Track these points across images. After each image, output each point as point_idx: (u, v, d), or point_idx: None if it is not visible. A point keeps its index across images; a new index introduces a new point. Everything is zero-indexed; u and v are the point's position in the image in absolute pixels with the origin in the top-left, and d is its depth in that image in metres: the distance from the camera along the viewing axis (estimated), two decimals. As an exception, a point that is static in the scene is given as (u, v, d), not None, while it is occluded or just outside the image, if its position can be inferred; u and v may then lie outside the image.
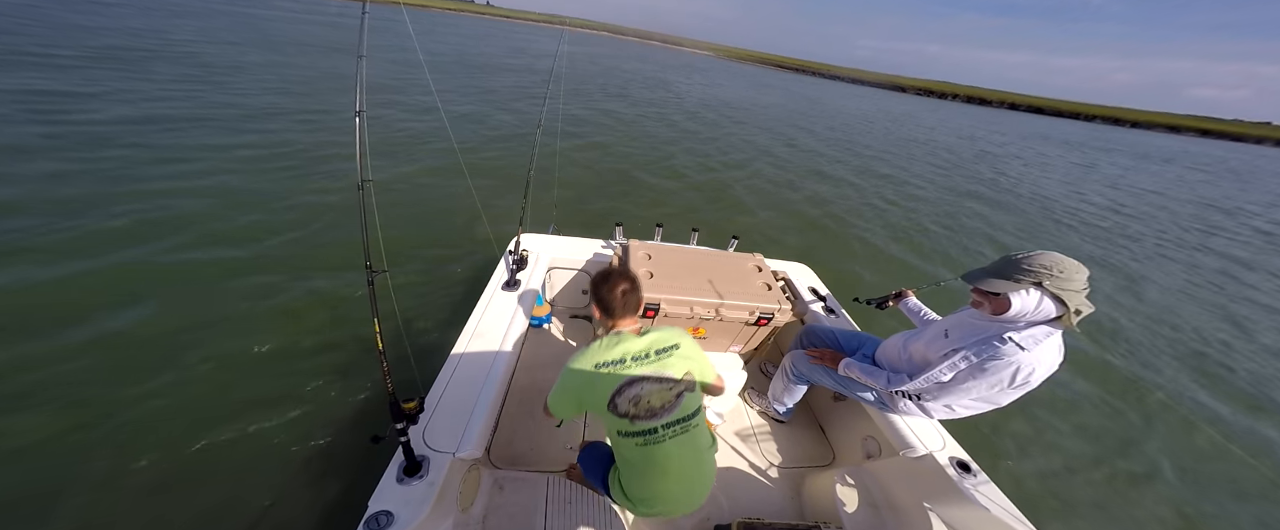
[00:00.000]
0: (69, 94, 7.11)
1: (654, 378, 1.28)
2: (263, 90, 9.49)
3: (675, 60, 59.65)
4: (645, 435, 1.27)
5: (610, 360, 1.29)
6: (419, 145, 7.47)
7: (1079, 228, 9.14)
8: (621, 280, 1.35)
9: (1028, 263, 1.30)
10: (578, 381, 1.31)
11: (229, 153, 5.95)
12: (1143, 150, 35.65)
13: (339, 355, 2.92)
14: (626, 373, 1.28)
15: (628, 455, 1.33)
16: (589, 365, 1.30)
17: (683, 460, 1.30)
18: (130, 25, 14.52)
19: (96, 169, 4.90)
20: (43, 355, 2.62)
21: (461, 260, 4.21)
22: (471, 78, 16.12)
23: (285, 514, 2.04)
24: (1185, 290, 6.61)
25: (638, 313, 1.40)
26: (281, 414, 2.48)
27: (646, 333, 1.36)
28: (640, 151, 9.43)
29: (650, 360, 1.29)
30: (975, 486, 1.53)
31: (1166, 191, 15.94)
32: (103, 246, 3.64)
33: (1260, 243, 10.30)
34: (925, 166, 13.16)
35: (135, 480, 2.11)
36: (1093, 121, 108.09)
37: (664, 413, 1.27)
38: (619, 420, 1.27)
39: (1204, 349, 4.95)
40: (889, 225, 7.35)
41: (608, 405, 1.27)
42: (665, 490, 1.33)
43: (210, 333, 2.97)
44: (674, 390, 1.29)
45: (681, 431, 1.29)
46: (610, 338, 1.35)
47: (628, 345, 1.31)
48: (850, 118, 23.92)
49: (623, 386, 1.26)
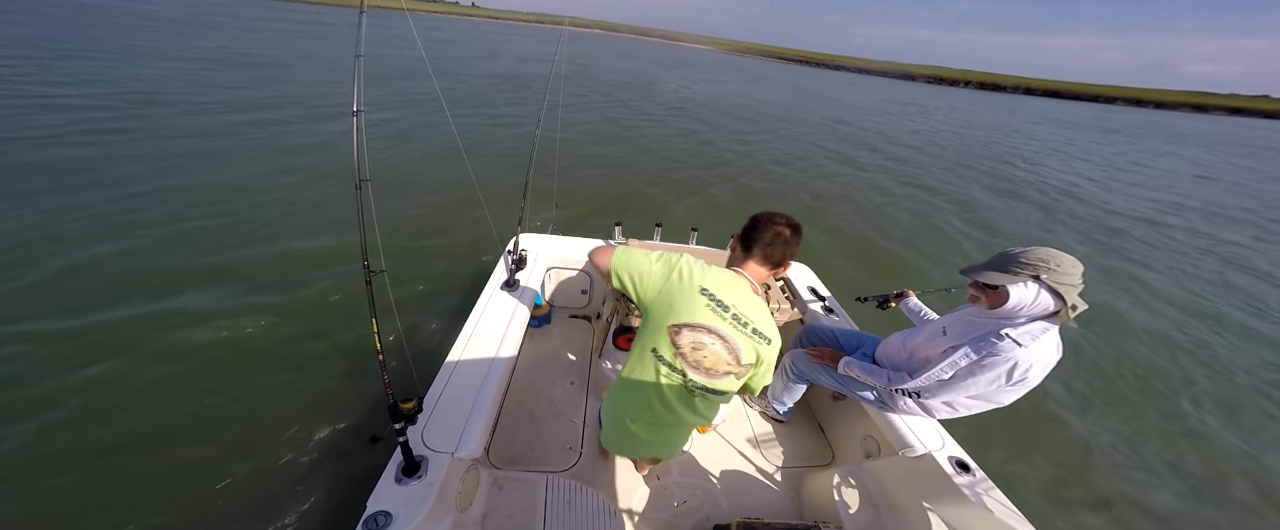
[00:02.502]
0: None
1: (732, 343, 1.18)
2: (263, 89, 9.48)
3: (676, 57, 59.32)
4: (672, 371, 1.22)
5: (718, 298, 1.16)
6: (418, 145, 7.47)
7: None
8: (783, 225, 1.20)
9: (1025, 256, 1.30)
10: (677, 284, 1.18)
11: (230, 152, 5.95)
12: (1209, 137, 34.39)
13: (337, 355, 2.91)
14: (716, 321, 1.16)
15: (640, 376, 1.27)
16: (699, 280, 1.18)
17: (685, 415, 1.30)
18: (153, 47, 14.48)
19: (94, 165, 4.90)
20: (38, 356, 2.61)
21: (460, 260, 4.20)
22: (472, 78, 16.12)
23: (285, 514, 2.04)
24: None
25: (775, 267, 1.23)
26: (280, 414, 2.47)
27: (763, 302, 1.23)
28: (640, 150, 9.43)
29: (743, 330, 1.17)
30: (975, 486, 1.53)
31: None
32: (102, 244, 3.64)
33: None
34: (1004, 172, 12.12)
35: (135, 480, 2.10)
36: (1113, 103, 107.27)
37: (704, 374, 1.21)
38: (669, 344, 1.20)
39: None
40: (930, 229, 7.20)
41: (671, 326, 1.18)
42: (642, 436, 1.37)
43: (208, 332, 2.97)
44: (730, 369, 1.21)
45: (701, 396, 1.25)
46: (735, 277, 1.21)
47: (745, 300, 1.18)
48: (877, 113, 23.21)
49: (701, 326, 1.16)
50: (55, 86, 7.89)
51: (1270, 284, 6.75)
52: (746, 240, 1.24)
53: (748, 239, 1.23)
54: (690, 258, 1.24)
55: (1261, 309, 5.90)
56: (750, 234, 1.23)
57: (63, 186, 4.51)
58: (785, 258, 1.22)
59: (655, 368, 1.24)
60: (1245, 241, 8.70)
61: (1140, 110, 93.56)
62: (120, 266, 3.47)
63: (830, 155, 11.85)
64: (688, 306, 1.17)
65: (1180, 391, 4.05)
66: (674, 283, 1.19)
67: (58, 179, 4.64)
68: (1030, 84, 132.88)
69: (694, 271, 1.20)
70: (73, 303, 3.04)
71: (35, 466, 2.10)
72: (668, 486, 1.99)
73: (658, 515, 1.87)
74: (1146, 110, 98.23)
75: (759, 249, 1.21)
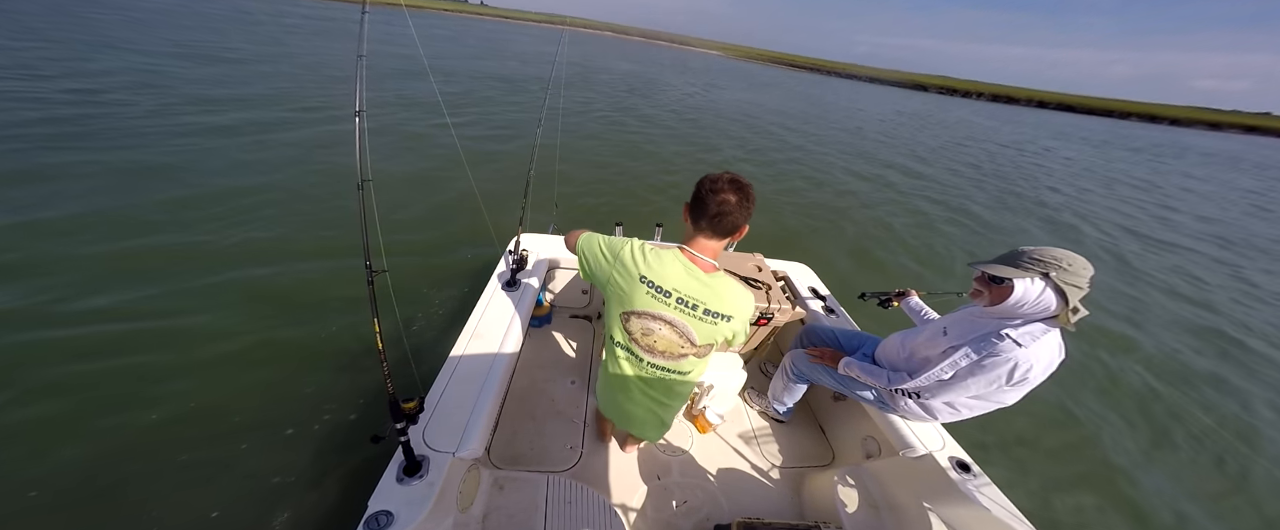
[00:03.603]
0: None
1: (680, 327, 1.19)
2: (263, 89, 9.49)
3: (687, 61, 58.30)
4: (631, 356, 1.32)
5: (659, 285, 1.16)
6: (419, 145, 7.47)
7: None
8: (732, 190, 1.11)
9: (1038, 253, 1.29)
10: (622, 273, 1.20)
11: (228, 150, 5.95)
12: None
13: (339, 355, 2.92)
14: (660, 307, 1.17)
15: (608, 362, 1.40)
16: (640, 269, 1.17)
17: (656, 392, 1.37)
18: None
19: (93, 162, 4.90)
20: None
21: (461, 260, 4.21)
22: (473, 78, 16.12)
23: (285, 513, 2.04)
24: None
25: (726, 236, 1.17)
26: (281, 413, 2.47)
27: (716, 278, 1.19)
28: (642, 151, 9.43)
29: (691, 313, 1.17)
30: (975, 486, 1.53)
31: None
32: (97, 241, 3.64)
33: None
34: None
35: (134, 478, 2.11)
36: (1127, 118, 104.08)
37: (661, 357, 1.28)
38: (621, 330, 1.26)
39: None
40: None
41: (622, 314, 1.22)
42: (624, 407, 1.46)
43: (207, 332, 2.97)
44: (684, 350, 1.24)
45: (661, 374, 1.32)
46: (681, 259, 1.18)
47: (688, 283, 1.16)
48: (898, 124, 21.91)
49: (646, 313, 1.19)
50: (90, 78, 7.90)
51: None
52: (693, 214, 1.18)
53: (694, 212, 1.18)
54: (638, 244, 1.24)
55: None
56: (696, 208, 1.16)
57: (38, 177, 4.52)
58: (738, 225, 1.15)
59: (617, 353, 1.34)
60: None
61: (1154, 126, 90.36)
62: (117, 265, 3.47)
63: (850, 170, 10.72)
64: (633, 295, 1.20)
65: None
66: (619, 272, 1.21)
67: (53, 171, 4.65)
68: (1043, 97, 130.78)
69: (637, 260, 1.20)
70: (67, 297, 3.05)
71: (35, 466, 2.11)
72: (668, 486, 1.99)
73: (658, 515, 1.87)
74: (1161, 126, 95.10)
75: (706, 222, 1.14)
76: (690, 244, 1.20)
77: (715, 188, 1.11)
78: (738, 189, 1.12)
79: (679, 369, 1.29)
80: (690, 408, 2.31)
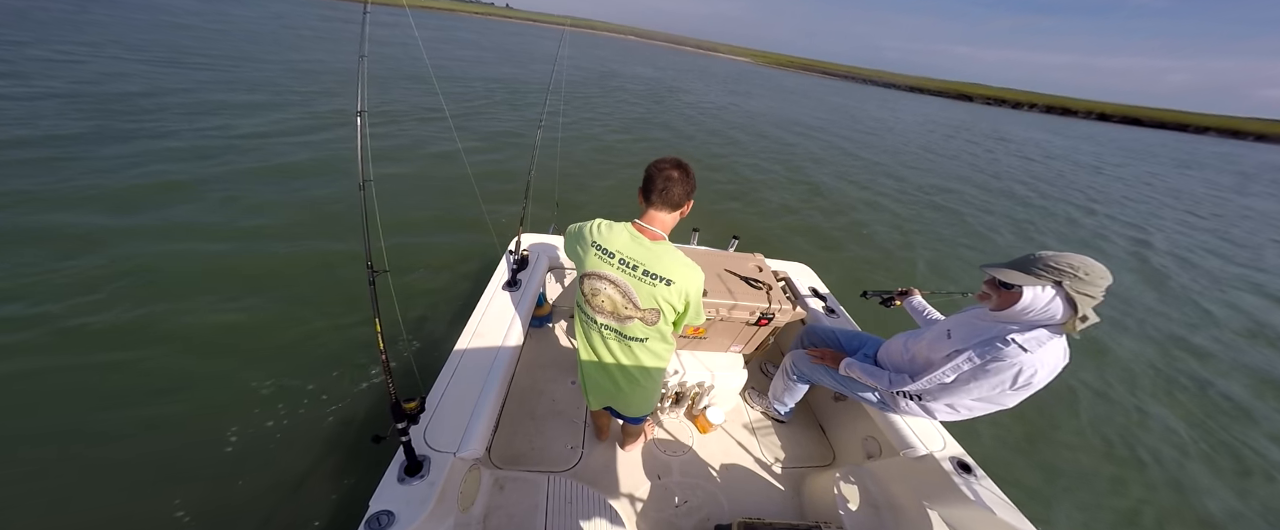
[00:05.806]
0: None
1: (622, 287, 1.33)
2: (264, 87, 9.50)
3: (717, 68, 55.89)
4: (587, 318, 1.46)
5: (604, 248, 1.32)
6: (420, 145, 7.47)
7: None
8: (672, 168, 1.27)
9: (1054, 260, 1.25)
10: (583, 244, 1.37)
11: (228, 149, 5.96)
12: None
13: (340, 355, 2.92)
14: (605, 268, 1.33)
15: (577, 327, 1.55)
16: (594, 237, 1.35)
17: (615, 356, 1.48)
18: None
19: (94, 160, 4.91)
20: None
21: (462, 260, 4.21)
22: (474, 79, 16.13)
23: (286, 513, 2.05)
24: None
25: (675, 208, 1.32)
26: (282, 414, 2.48)
27: (660, 245, 1.32)
28: (643, 151, 9.43)
29: (631, 273, 1.31)
30: (976, 486, 1.53)
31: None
32: (99, 238, 3.65)
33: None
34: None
35: (135, 476, 2.11)
36: (1204, 133, 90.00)
37: (609, 317, 1.40)
38: (582, 295, 1.43)
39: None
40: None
41: (579, 277, 1.42)
42: (593, 376, 1.57)
43: (208, 332, 2.98)
44: (628, 311, 1.37)
45: (615, 338, 1.44)
46: (629, 229, 1.34)
47: (631, 246, 1.31)
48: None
49: (593, 274, 1.35)
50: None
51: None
52: (644, 192, 1.33)
53: (644, 190, 1.33)
54: (599, 221, 1.39)
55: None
56: (645, 186, 1.32)
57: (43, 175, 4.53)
58: (684, 197, 1.31)
59: (580, 319, 1.50)
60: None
61: (1238, 142, 78.84)
62: (117, 265, 3.48)
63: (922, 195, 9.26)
64: (587, 259, 1.36)
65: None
66: (580, 244, 1.39)
67: (57, 169, 4.66)
68: (1104, 109, 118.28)
69: (593, 231, 1.37)
70: (65, 296, 3.05)
71: (33, 464, 2.11)
72: (668, 486, 1.99)
73: (658, 515, 1.88)
74: (1245, 142, 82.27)
75: (655, 195, 1.29)
76: (642, 218, 1.36)
77: (661, 166, 1.29)
78: (679, 167, 1.29)
79: (627, 332, 1.41)
80: (691, 407, 2.31)
